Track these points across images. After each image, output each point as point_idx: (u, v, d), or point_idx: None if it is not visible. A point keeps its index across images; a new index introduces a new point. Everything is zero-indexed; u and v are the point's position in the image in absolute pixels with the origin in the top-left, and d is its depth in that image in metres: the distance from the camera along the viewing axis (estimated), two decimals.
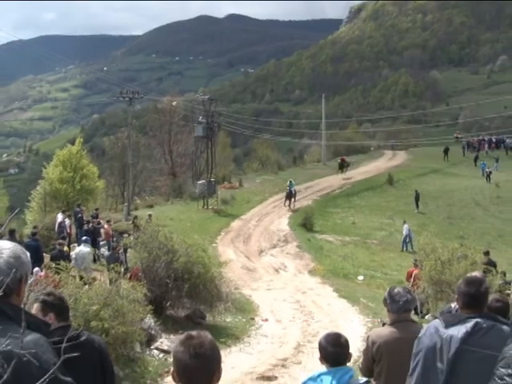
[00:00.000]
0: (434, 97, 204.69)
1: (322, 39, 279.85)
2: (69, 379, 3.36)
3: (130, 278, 19.37)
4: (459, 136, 58.52)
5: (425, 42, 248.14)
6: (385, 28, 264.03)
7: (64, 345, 3.79)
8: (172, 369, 3.40)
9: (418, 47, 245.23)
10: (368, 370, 6.42)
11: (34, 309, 5.43)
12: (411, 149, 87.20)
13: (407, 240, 39.08)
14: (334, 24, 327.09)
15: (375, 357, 6.38)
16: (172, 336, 18.63)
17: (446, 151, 77.00)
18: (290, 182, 50.59)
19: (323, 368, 5.33)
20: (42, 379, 2.12)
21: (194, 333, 3.44)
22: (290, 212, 46.51)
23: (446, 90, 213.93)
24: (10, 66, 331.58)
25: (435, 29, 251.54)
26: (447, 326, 5.07)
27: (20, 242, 23.95)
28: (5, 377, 1.66)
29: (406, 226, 39.96)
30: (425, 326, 6.39)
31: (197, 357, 3.27)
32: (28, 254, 3.64)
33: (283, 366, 16.80)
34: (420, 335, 5.33)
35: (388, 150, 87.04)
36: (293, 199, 49.54)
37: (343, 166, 63.00)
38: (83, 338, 5.07)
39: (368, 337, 6.84)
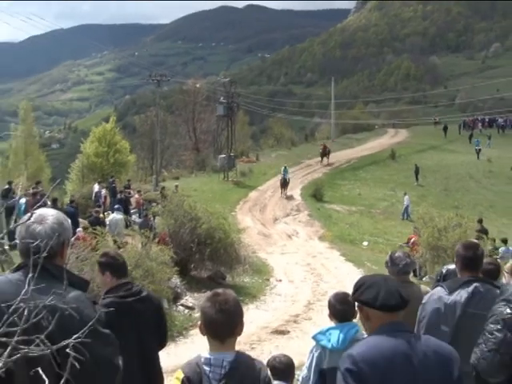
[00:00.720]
0: (433, 80, 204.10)
1: (331, 27, 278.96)
2: (107, 331, 3.36)
3: (158, 242, 19.32)
4: (437, 119, 58.63)
5: (425, 29, 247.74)
6: (389, 17, 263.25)
7: (131, 299, 3.90)
8: (199, 322, 3.58)
9: (419, 35, 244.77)
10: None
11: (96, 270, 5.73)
12: (412, 127, 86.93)
13: (409, 210, 39.10)
14: (342, 13, 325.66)
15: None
16: (196, 294, 18.68)
17: (445, 129, 77.32)
18: (285, 167, 43.33)
19: (331, 323, 5.32)
20: (83, 330, 2.07)
21: (219, 290, 3.62)
22: (301, 185, 46.34)
23: (444, 74, 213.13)
24: (52, 52, 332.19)
25: (434, 18, 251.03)
26: (450, 291, 5.18)
27: (61, 210, 24.06)
28: (49, 328, 1.60)
29: (406, 197, 40.02)
30: (424, 289, 6.38)
31: (222, 312, 3.43)
32: (69, 220, 3.67)
33: (295, 321, 16.85)
34: (424, 302, 5.40)
35: (391, 129, 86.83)
36: (286, 188, 42.65)
37: (325, 154, 55.42)
38: (144, 294, 5.16)
39: None
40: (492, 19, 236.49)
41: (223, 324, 3.45)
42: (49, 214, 3.51)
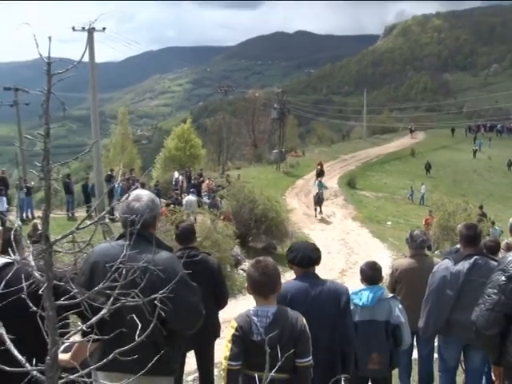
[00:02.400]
0: (445, 92, 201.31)
1: (364, 49, 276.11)
2: (195, 284, 3.57)
3: (224, 219, 19.45)
4: (413, 128, 60.76)
5: (439, 52, 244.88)
6: (410, 42, 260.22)
7: (183, 260, 3.98)
8: (246, 284, 3.75)
9: (435, 56, 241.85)
10: (392, 288, 6.45)
11: None
12: (428, 130, 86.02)
13: (425, 196, 38.81)
14: (373, 38, 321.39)
15: (397, 279, 6.44)
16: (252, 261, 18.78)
17: (452, 130, 79.78)
18: (320, 182, 32.42)
19: (362, 286, 5.32)
20: (174, 281, 2.11)
21: (261, 258, 3.78)
22: (338, 176, 46.10)
23: (454, 88, 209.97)
24: (144, 69, 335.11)
25: (447, 43, 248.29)
26: (455, 263, 5.34)
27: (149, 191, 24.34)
28: (141, 285, 1.64)
29: (423, 186, 39.89)
30: (436, 260, 6.36)
31: (264, 274, 3.59)
32: (158, 199, 3.81)
33: None
34: (434, 270, 5.55)
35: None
36: (321, 206, 31.22)
37: (320, 175, 37.95)
38: (198, 258, 5.18)
39: (393, 265, 6.95)
40: (492, 45, 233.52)
41: (266, 284, 3.60)
42: (143, 194, 3.64)
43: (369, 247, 23.26)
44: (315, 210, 30.88)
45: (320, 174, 37.62)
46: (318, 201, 30.71)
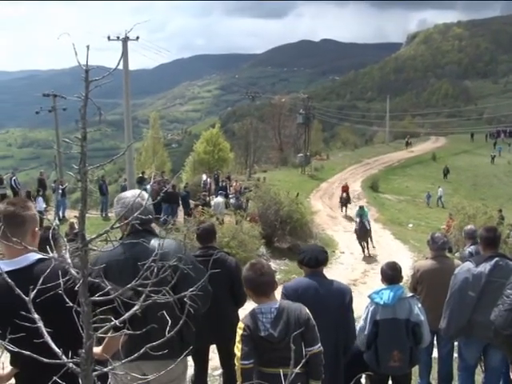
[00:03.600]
0: (466, 99, 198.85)
1: (387, 56, 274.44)
2: (202, 267, 3.77)
3: (250, 220, 19.46)
4: (409, 141, 58.80)
5: (460, 60, 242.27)
6: (432, 49, 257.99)
7: (202, 259, 4.03)
8: (245, 288, 3.86)
9: (455, 63, 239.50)
10: (413, 288, 6.42)
11: None
12: (449, 135, 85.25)
13: (442, 199, 38.48)
14: (396, 46, 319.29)
15: (419, 280, 6.41)
16: (278, 261, 18.78)
17: (471, 135, 79.09)
18: (363, 208, 23.07)
19: (383, 286, 5.30)
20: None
21: (254, 261, 3.93)
22: (361, 179, 45.90)
23: (474, 94, 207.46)
24: (175, 76, 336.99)
25: (467, 51, 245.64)
26: (477, 264, 5.30)
27: (178, 193, 24.48)
28: (172, 283, 1.66)
29: (440, 189, 39.67)
30: (456, 262, 6.33)
31: (263, 274, 3.70)
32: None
33: (354, 284, 16.72)
34: (455, 272, 5.48)
35: (432, 136, 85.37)
36: (369, 240, 22.17)
37: (346, 203, 31.79)
38: (216, 257, 5.18)
39: (415, 266, 6.94)
40: None
41: (266, 282, 3.71)
42: (130, 194, 3.84)
43: (390, 248, 23.12)
44: (362, 246, 21.97)
45: (346, 201, 32.08)
46: (364, 235, 21.82)
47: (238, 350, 3.61)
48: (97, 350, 2.69)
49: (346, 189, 33.15)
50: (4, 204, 2.70)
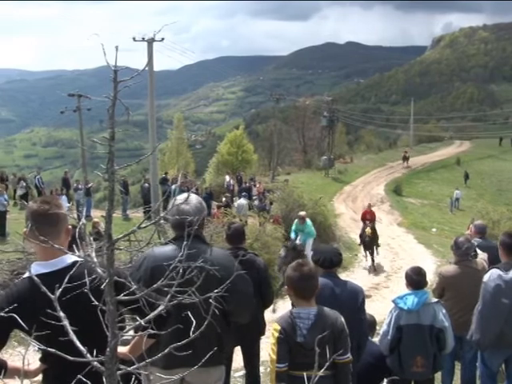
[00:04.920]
0: (491, 103, 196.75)
1: (412, 60, 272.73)
2: (249, 279, 3.78)
3: (273, 222, 19.45)
4: (407, 154, 56.15)
5: (486, 63, 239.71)
6: (457, 53, 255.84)
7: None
8: (287, 288, 3.85)
9: (481, 67, 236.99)
10: (439, 294, 6.30)
11: None
12: (474, 139, 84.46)
13: (458, 202, 38.70)
14: (421, 49, 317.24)
15: (445, 286, 6.30)
16: None
17: (500, 139, 77.89)
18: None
19: (407, 291, 5.27)
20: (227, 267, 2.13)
21: (301, 261, 3.89)
22: (385, 182, 45.68)
23: (500, 98, 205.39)
24: (199, 77, 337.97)
25: (493, 54, 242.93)
26: (506, 271, 5.23)
27: (197, 195, 24.54)
28: (198, 283, 1.67)
29: (457, 191, 39.45)
30: (480, 261, 6.27)
31: (307, 277, 3.69)
32: (204, 202, 3.92)
33: (376, 288, 16.68)
34: (485, 280, 5.36)
35: (457, 140, 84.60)
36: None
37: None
38: (245, 257, 5.21)
39: (440, 272, 6.73)
40: None
41: (309, 286, 3.69)
42: (193, 197, 3.76)
43: (414, 253, 22.98)
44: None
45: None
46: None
47: (273, 352, 3.60)
48: (123, 349, 2.71)
49: (370, 214, 21.20)
50: (37, 203, 2.67)
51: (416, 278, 5.26)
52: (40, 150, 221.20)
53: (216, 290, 1.72)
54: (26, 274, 2.63)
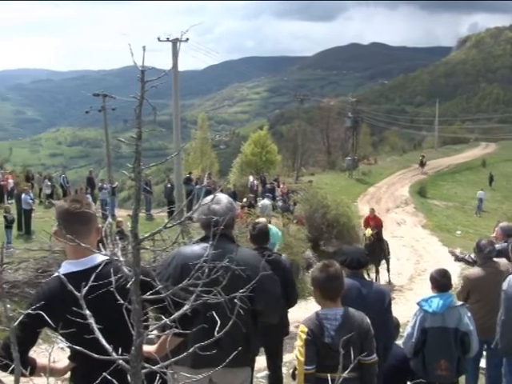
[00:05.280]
0: None
1: (437, 61, 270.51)
2: (277, 278, 3.84)
3: (297, 223, 19.45)
4: (424, 159, 53.78)
5: None
6: (483, 53, 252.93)
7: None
8: (314, 289, 3.84)
9: (507, 68, 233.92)
10: (463, 297, 6.23)
11: None
12: (499, 141, 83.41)
13: (482, 202, 38.27)
14: (446, 50, 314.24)
15: (470, 288, 6.25)
16: None
17: None
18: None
19: (431, 293, 5.23)
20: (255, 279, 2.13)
21: (327, 262, 3.87)
22: (409, 184, 45.39)
23: None
24: (224, 77, 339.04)
25: None
26: None
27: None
28: (223, 283, 1.67)
29: (481, 192, 39.01)
30: (503, 263, 6.21)
31: (335, 278, 3.69)
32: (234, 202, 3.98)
33: (400, 290, 16.60)
34: (504, 289, 5.35)
35: (482, 142, 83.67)
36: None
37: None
38: (271, 257, 5.23)
39: (465, 275, 6.69)
40: None
41: (336, 287, 3.69)
42: (223, 197, 3.81)
43: (438, 255, 22.82)
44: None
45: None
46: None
47: (300, 354, 3.59)
48: (149, 348, 2.72)
49: (373, 222, 19.30)
50: (68, 202, 2.68)
51: (441, 281, 5.23)
52: (65, 149, 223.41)
53: (242, 290, 1.72)
54: (56, 273, 2.66)
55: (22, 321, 2.23)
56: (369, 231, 17.86)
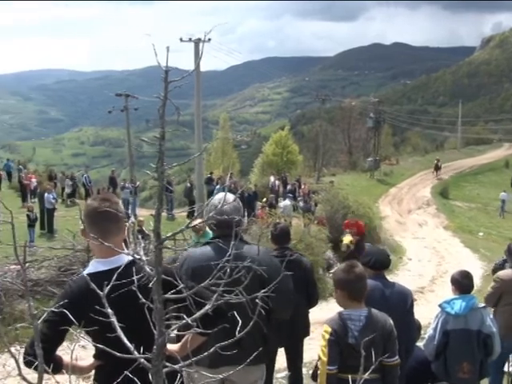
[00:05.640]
0: None
1: (460, 61, 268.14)
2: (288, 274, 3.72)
3: (318, 223, 19.40)
4: (439, 163, 51.45)
5: None
6: (507, 53, 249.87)
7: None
8: (339, 291, 3.78)
9: None
10: (495, 300, 6.16)
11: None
12: None
13: (505, 204, 37.69)
14: (470, 50, 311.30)
15: (503, 290, 6.14)
16: None
17: None
18: None
19: (452, 295, 5.20)
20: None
21: (351, 263, 3.82)
22: (431, 185, 45.09)
23: None
24: (245, 77, 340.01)
25: None
26: None
27: (242, 195, 24.53)
28: (245, 282, 1.68)
29: (503, 193, 38.41)
30: None
31: (361, 279, 3.68)
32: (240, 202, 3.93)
33: (421, 292, 16.52)
34: None
35: (506, 143, 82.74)
36: None
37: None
38: (292, 258, 5.24)
39: (498, 275, 6.49)
40: None
41: (362, 288, 3.68)
42: (229, 197, 3.65)
43: (460, 256, 22.69)
44: None
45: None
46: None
47: (323, 354, 3.57)
48: (173, 347, 2.73)
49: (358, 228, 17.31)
50: (97, 200, 2.68)
51: (464, 282, 5.19)
52: (88, 148, 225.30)
53: (263, 290, 1.72)
54: (85, 271, 2.67)
55: (49, 319, 2.24)
56: (347, 238, 15.96)
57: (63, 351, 2.54)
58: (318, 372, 3.64)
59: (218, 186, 24.80)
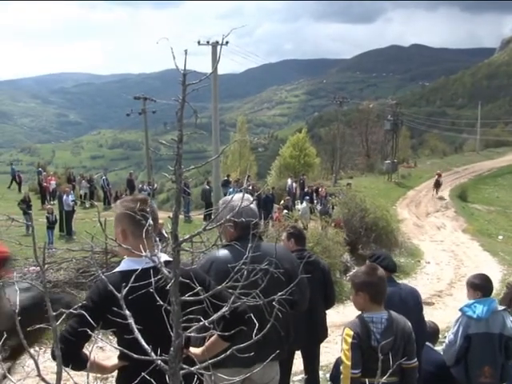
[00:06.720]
0: None
1: (480, 62, 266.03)
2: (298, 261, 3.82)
3: (335, 226, 19.35)
4: (440, 179, 49.45)
5: None
6: None
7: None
8: (362, 294, 3.70)
9: None
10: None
11: (283, 236, 5.84)
12: None
13: None
14: (489, 51, 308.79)
15: None
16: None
17: None
18: None
19: (471, 300, 5.11)
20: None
21: (373, 266, 3.88)
22: (450, 188, 44.78)
23: None
24: (262, 80, 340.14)
25: None
26: None
27: (260, 196, 24.53)
28: (262, 285, 1.69)
29: None
30: None
31: (383, 281, 3.70)
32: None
33: (439, 296, 16.41)
34: None
35: None
36: None
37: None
38: (311, 259, 5.24)
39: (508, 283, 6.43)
40: None
41: (383, 290, 3.70)
42: (246, 198, 3.53)
43: (478, 260, 22.48)
44: None
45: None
46: None
47: (346, 358, 3.55)
48: (196, 350, 2.73)
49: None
50: (133, 201, 2.71)
51: (485, 285, 5.14)
52: (106, 151, 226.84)
53: (287, 289, 1.73)
54: (117, 269, 2.71)
55: (79, 314, 2.26)
56: None
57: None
58: (341, 376, 3.61)
59: (230, 190, 24.77)
